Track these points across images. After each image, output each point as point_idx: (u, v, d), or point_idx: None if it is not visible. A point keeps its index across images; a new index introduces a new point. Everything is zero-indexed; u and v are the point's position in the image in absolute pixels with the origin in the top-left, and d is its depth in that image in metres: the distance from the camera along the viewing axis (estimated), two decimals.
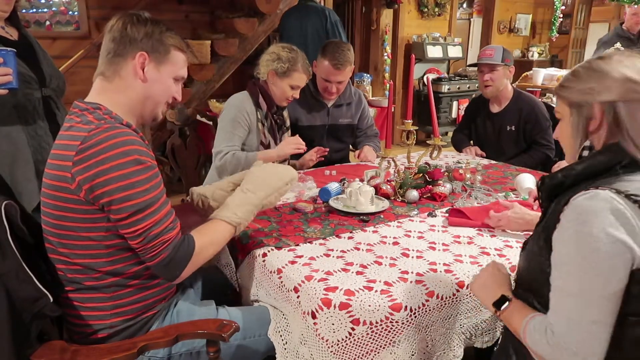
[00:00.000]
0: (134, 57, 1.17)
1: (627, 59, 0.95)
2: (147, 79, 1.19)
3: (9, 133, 1.64)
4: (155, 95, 1.22)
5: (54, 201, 1.11)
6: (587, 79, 0.98)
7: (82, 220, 1.10)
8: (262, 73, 2.18)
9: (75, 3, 3.86)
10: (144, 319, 1.23)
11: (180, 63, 1.26)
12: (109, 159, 1.05)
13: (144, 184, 1.09)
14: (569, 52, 7.57)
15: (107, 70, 1.19)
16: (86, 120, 1.11)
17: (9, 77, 1.45)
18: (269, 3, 3.70)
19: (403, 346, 1.11)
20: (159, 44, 1.20)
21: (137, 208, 1.08)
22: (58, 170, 1.09)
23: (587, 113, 0.98)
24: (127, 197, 1.07)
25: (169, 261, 1.13)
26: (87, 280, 1.16)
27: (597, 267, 0.86)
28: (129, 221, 1.09)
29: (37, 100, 1.70)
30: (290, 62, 2.11)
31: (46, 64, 1.77)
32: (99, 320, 1.18)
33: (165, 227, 1.12)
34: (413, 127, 1.86)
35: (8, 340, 1.01)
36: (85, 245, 1.13)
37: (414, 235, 1.51)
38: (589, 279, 0.87)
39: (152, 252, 1.12)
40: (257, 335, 1.29)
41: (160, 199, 1.13)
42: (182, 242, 1.15)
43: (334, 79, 2.34)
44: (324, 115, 2.50)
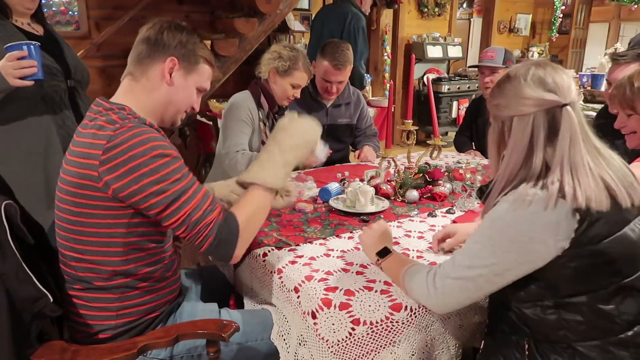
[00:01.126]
0: (164, 61, 1.19)
1: (526, 72, 1.01)
2: (173, 83, 1.21)
3: (40, 124, 1.72)
4: (178, 101, 1.24)
5: (73, 197, 1.11)
6: (496, 96, 1.07)
7: (103, 216, 1.11)
8: (263, 72, 2.18)
9: (75, 3, 3.85)
10: (148, 321, 1.23)
11: (206, 75, 1.29)
12: (136, 156, 1.07)
13: (173, 174, 1.11)
14: (569, 52, 7.57)
15: (135, 70, 1.21)
16: (110, 119, 1.12)
17: (34, 69, 1.53)
18: (269, 3, 3.69)
19: (403, 346, 1.11)
20: (191, 53, 1.23)
21: (172, 198, 1.10)
22: (82, 168, 1.10)
23: (498, 126, 1.08)
24: (160, 190, 1.09)
25: (218, 242, 1.14)
26: (97, 280, 1.16)
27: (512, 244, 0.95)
28: (167, 212, 1.10)
29: (63, 91, 1.79)
30: (291, 60, 2.11)
31: (70, 57, 1.85)
32: (104, 321, 1.18)
33: (204, 211, 1.13)
34: (413, 127, 1.86)
35: (8, 340, 1.01)
36: (103, 242, 1.13)
37: (414, 235, 1.50)
38: (502, 251, 0.96)
39: (200, 238, 1.13)
40: (259, 339, 1.29)
41: (193, 186, 1.14)
42: (225, 222, 1.15)
43: (334, 79, 2.34)
44: (322, 116, 2.50)
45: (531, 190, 0.95)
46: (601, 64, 4.93)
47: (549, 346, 1.02)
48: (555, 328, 1.00)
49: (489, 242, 0.99)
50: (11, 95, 1.58)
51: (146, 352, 1.17)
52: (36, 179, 1.72)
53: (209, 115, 3.89)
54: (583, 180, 0.94)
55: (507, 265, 0.97)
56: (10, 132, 1.68)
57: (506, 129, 1.04)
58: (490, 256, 0.98)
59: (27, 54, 1.52)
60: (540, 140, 0.97)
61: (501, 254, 0.97)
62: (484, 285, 1.00)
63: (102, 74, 3.87)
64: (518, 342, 1.06)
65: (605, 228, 0.94)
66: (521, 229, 0.94)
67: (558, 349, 1.00)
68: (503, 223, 0.97)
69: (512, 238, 0.95)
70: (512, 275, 0.98)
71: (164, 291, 1.25)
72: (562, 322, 0.99)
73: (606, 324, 0.98)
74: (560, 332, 0.99)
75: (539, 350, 1.03)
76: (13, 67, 1.50)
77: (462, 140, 2.87)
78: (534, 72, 0.99)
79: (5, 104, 1.60)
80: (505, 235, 0.96)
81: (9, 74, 1.50)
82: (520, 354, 1.05)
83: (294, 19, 5.53)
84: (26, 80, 1.53)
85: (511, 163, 1.01)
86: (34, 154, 1.71)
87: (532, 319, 1.02)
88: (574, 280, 0.96)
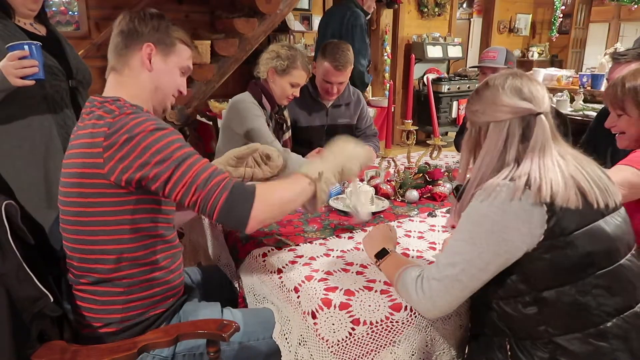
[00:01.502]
0: (141, 48, 1.22)
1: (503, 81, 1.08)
2: (153, 68, 1.24)
3: (42, 123, 1.72)
4: (163, 85, 1.27)
5: (79, 189, 1.12)
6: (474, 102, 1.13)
7: (109, 204, 1.12)
8: (262, 72, 2.18)
9: (75, 3, 3.86)
10: (153, 317, 1.23)
11: (185, 55, 1.30)
12: (136, 134, 1.09)
13: (174, 143, 1.12)
14: (569, 52, 7.57)
15: (117, 64, 1.24)
16: (108, 109, 1.14)
17: (36, 69, 1.54)
18: (269, 3, 3.69)
19: (403, 346, 1.11)
20: (165, 36, 1.25)
21: (177, 162, 1.10)
22: (86, 157, 1.11)
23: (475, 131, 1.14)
24: (163, 157, 1.09)
25: (232, 201, 1.09)
26: (103, 271, 1.17)
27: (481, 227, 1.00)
28: (175, 178, 1.10)
29: (64, 91, 1.79)
30: (289, 59, 2.11)
31: (72, 57, 1.86)
32: (111, 314, 1.19)
33: (212, 171, 1.12)
34: (413, 127, 1.86)
35: (8, 340, 1.01)
36: (109, 230, 1.14)
37: (414, 235, 1.51)
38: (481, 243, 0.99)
39: (212, 198, 1.09)
40: (261, 338, 1.29)
41: (196, 154, 1.14)
42: (239, 183, 1.13)
43: (334, 79, 2.34)
44: (322, 116, 2.50)
45: (500, 181, 1.00)
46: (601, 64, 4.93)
47: (530, 343, 1.03)
48: (535, 324, 1.02)
49: (467, 236, 1.02)
50: (13, 95, 1.58)
51: (148, 351, 1.17)
52: (37, 179, 1.72)
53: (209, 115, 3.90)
54: (550, 176, 0.99)
55: (487, 258, 0.99)
56: (11, 131, 1.68)
57: (482, 133, 1.10)
58: (471, 250, 1.01)
59: (28, 54, 1.52)
60: (514, 144, 1.04)
61: (480, 246, 1.00)
62: (468, 283, 1.02)
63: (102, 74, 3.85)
64: (500, 344, 1.08)
65: (575, 220, 0.98)
66: (495, 219, 0.98)
67: (539, 345, 1.02)
68: (478, 215, 1.01)
69: (488, 229, 0.99)
70: (493, 267, 1.00)
71: (169, 285, 1.26)
72: (541, 316, 1.01)
73: (585, 315, 0.99)
74: (540, 327, 1.01)
75: (520, 348, 1.04)
76: (14, 67, 1.51)
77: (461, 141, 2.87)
78: (511, 82, 1.06)
79: (7, 103, 1.61)
80: (482, 226, 1.00)
81: (10, 73, 1.51)
82: (503, 354, 1.06)
83: (294, 19, 5.54)
84: (27, 80, 1.54)
85: (484, 165, 1.08)
86: (36, 154, 1.72)
87: (512, 317, 1.04)
88: (551, 273, 0.99)
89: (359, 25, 3.73)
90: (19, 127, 1.69)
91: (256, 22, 3.80)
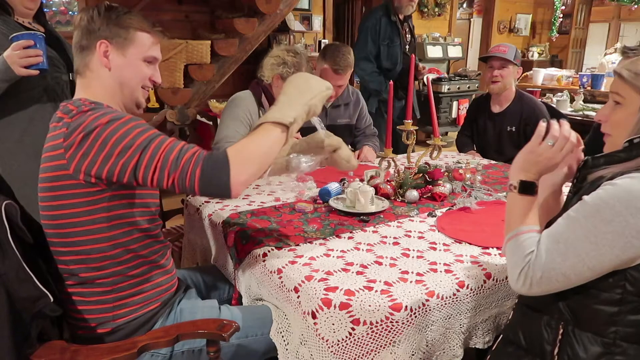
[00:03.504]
0: (96, 47, 1.18)
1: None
2: (112, 66, 1.19)
3: (43, 115, 1.72)
4: (127, 80, 1.21)
5: (52, 192, 1.12)
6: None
7: (83, 204, 1.11)
8: (266, 76, 2.18)
9: (75, 3, 3.86)
10: (147, 314, 1.23)
11: (147, 43, 1.23)
12: (93, 130, 1.07)
13: (134, 129, 1.08)
14: (569, 52, 7.58)
15: (79, 67, 1.22)
16: (67, 109, 1.14)
17: (40, 58, 1.55)
18: (269, 3, 3.69)
19: (403, 346, 1.11)
20: (118, 27, 1.19)
21: (141, 148, 1.06)
22: (52, 161, 1.12)
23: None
24: (125, 146, 1.06)
25: (209, 173, 1.06)
26: (87, 270, 1.16)
27: (618, 240, 0.89)
28: (144, 164, 1.06)
29: (65, 83, 1.80)
30: (295, 67, 2.11)
31: (72, 53, 1.83)
32: (101, 314, 1.19)
33: (181, 149, 1.08)
34: (413, 127, 1.86)
35: (8, 340, 1.01)
36: (86, 230, 1.13)
37: (414, 235, 1.50)
38: (604, 246, 0.89)
39: (187, 175, 1.06)
40: (259, 335, 1.30)
41: (160, 136, 1.10)
42: (209, 154, 1.09)
43: (334, 83, 2.34)
44: (321, 117, 2.50)
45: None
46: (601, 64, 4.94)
47: (591, 336, 0.97)
48: (608, 322, 0.95)
49: (589, 231, 0.92)
50: (15, 87, 1.59)
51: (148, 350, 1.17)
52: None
53: (209, 115, 3.90)
54: None
55: (605, 260, 0.91)
56: (14, 125, 1.69)
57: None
58: (590, 248, 0.91)
59: (33, 44, 1.53)
60: None
61: (602, 247, 0.90)
62: (573, 279, 0.94)
63: None
64: (550, 323, 1.02)
65: None
66: (630, 222, 0.88)
67: (600, 342, 0.96)
68: (610, 212, 0.90)
69: (618, 231, 0.89)
70: (607, 269, 0.92)
71: (158, 281, 1.25)
72: (619, 318, 0.94)
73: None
74: (611, 328, 0.95)
75: (575, 337, 0.99)
76: (19, 56, 1.51)
77: (463, 141, 2.87)
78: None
79: (9, 96, 1.61)
80: (610, 226, 0.89)
81: (15, 62, 1.51)
82: (551, 334, 1.01)
83: (294, 19, 5.54)
84: (31, 69, 1.54)
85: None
86: (38, 147, 1.71)
87: (585, 307, 0.98)
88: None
89: (365, 28, 3.52)
90: (20, 121, 1.69)
91: (256, 22, 3.79)
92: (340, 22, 7.26)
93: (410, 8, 3.38)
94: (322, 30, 5.85)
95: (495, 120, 2.66)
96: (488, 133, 2.70)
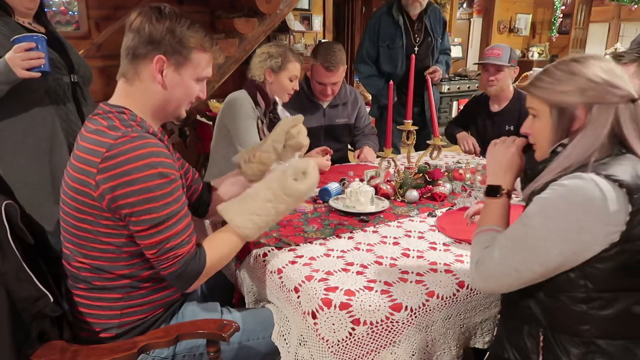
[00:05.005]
0: (152, 61, 1.12)
1: (600, 62, 1.00)
2: (166, 85, 1.15)
3: (45, 117, 1.72)
4: (176, 98, 1.19)
5: (74, 203, 1.11)
6: (567, 81, 1.01)
7: (104, 226, 1.10)
8: (257, 75, 2.18)
9: (75, 3, 3.85)
10: (151, 318, 1.23)
11: (203, 64, 1.19)
12: (134, 170, 1.04)
13: (165, 197, 1.08)
14: (569, 52, 7.56)
15: (127, 72, 1.16)
16: (112, 125, 1.09)
17: (42, 60, 1.54)
18: (269, 3, 3.69)
19: (403, 346, 1.11)
20: (180, 45, 1.13)
21: (157, 221, 1.08)
22: (81, 174, 1.08)
23: (570, 114, 1.01)
24: (147, 210, 1.07)
25: (179, 274, 1.13)
26: (100, 280, 1.16)
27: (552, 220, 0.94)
28: (147, 233, 1.09)
29: (66, 85, 1.79)
30: (281, 55, 2.13)
31: (73, 54, 1.86)
32: (109, 320, 1.18)
33: (180, 241, 1.12)
34: (413, 127, 1.86)
35: (8, 340, 1.01)
36: (105, 249, 1.13)
37: (414, 235, 1.50)
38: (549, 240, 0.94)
39: (164, 264, 1.12)
40: (260, 338, 1.29)
41: (180, 212, 1.12)
42: (193, 258, 1.14)
43: (327, 80, 2.34)
44: (319, 117, 2.50)
45: (587, 175, 0.92)
46: None
47: (567, 338, 0.99)
48: (579, 321, 0.98)
49: (538, 229, 0.96)
50: (16, 89, 1.58)
51: (148, 351, 1.17)
52: (42, 174, 1.72)
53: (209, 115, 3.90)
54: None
55: (553, 254, 0.94)
56: (15, 126, 1.68)
57: (575, 117, 1.00)
58: (539, 244, 0.95)
59: (34, 46, 1.52)
60: (614, 131, 0.96)
61: (550, 242, 0.94)
62: (525, 273, 0.98)
63: (102, 74, 3.85)
64: (531, 332, 1.04)
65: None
66: (573, 218, 0.92)
67: (576, 341, 0.98)
68: (555, 210, 0.94)
69: (564, 227, 0.93)
70: (556, 264, 0.95)
71: (169, 290, 1.25)
72: (588, 316, 0.97)
73: (636, 324, 0.96)
74: (584, 326, 0.98)
75: (555, 341, 1.01)
76: (21, 58, 1.50)
77: (452, 128, 2.82)
78: (607, 65, 1.00)
79: (10, 98, 1.61)
80: (557, 223, 0.93)
81: (17, 64, 1.50)
82: (533, 343, 1.04)
83: (294, 19, 5.54)
84: (33, 72, 1.54)
85: (574, 154, 0.98)
86: (40, 149, 1.71)
87: (555, 310, 1.00)
88: (616, 276, 0.94)
89: (366, 28, 3.31)
90: (22, 122, 1.69)
91: (256, 22, 3.80)
92: (340, 22, 7.26)
93: (418, 6, 3.01)
94: (322, 30, 5.85)
95: (494, 120, 2.65)
96: (487, 132, 2.70)
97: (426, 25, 3.10)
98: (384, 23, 3.08)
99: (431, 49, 3.12)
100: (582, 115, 1.00)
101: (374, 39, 3.09)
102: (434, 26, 3.14)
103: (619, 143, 0.98)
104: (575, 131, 1.02)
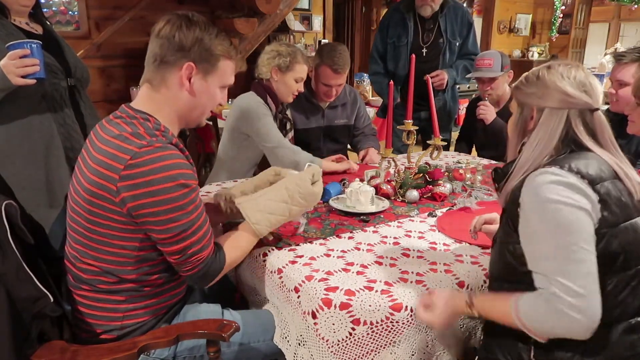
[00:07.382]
0: (181, 68, 1.14)
1: (568, 71, 1.07)
2: (194, 90, 1.17)
3: (42, 122, 1.72)
4: (202, 104, 1.21)
5: (89, 205, 1.10)
6: (532, 84, 1.11)
7: (118, 229, 1.11)
8: (264, 72, 2.18)
9: (75, 3, 3.85)
10: (153, 320, 1.23)
11: (228, 72, 1.23)
12: (156, 181, 1.06)
13: (188, 206, 1.11)
14: (569, 52, 7.57)
15: (154, 78, 1.16)
16: (137, 132, 1.09)
17: (37, 67, 1.53)
18: (269, 3, 3.70)
19: (403, 346, 1.11)
20: (208, 53, 1.16)
21: (181, 229, 1.11)
22: (101, 178, 1.07)
23: (527, 114, 1.11)
24: (172, 219, 1.09)
25: (203, 274, 1.19)
26: (105, 283, 1.16)
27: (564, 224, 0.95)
28: (172, 240, 1.12)
29: (63, 89, 1.78)
30: (290, 55, 2.13)
31: (70, 55, 1.85)
32: (111, 322, 1.19)
33: (202, 245, 1.16)
34: (413, 127, 1.85)
35: (8, 340, 1.01)
36: (115, 252, 1.14)
37: (415, 236, 1.50)
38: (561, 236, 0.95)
39: (187, 267, 1.16)
40: (261, 340, 1.29)
41: (201, 218, 1.16)
42: (213, 259, 1.20)
43: (334, 82, 2.33)
44: (319, 118, 2.49)
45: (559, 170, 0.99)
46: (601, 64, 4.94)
47: None
48: None
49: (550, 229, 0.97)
50: (12, 94, 1.58)
51: (148, 352, 1.17)
52: (38, 178, 1.72)
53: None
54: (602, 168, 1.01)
55: (582, 226, 0.96)
56: (12, 131, 1.68)
57: (533, 118, 1.10)
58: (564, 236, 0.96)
59: (29, 53, 1.51)
60: (569, 134, 1.05)
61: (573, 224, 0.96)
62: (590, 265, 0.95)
63: (102, 74, 3.86)
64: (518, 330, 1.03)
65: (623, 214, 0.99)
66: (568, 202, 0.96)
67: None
68: (551, 203, 0.97)
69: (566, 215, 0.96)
70: (592, 232, 0.97)
71: (170, 293, 1.26)
72: None
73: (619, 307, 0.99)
74: None
75: None
76: (15, 66, 1.50)
77: (461, 148, 2.86)
78: (575, 73, 1.06)
79: (7, 103, 1.61)
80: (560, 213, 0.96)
81: (12, 72, 1.50)
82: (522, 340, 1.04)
83: (294, 19, 5.54)
84: (28, 78, 1.53)
85: (536, 152, 1.06)
86: (36, 153, 1.71)
87: None
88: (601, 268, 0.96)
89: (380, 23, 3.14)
90: (18, 127, 1.69)
91: (256, 22, 3.80)
92: (340, 22, 7.26)
93: (429, 9, 2.80)
94: (322, 30, 5.86)
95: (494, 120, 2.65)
96: (487, 132, 2.70)
97: (440, 26, 2.87)
98: (393, 19, 2.94)
99: (442, 52, 2.89)
100: (536, 117, 1.09)
101: (384, 34, 2.98)
102: (451, 27, 2.89)
103: (578, 146, 1.05)
104: (530, 131, 1.10)
